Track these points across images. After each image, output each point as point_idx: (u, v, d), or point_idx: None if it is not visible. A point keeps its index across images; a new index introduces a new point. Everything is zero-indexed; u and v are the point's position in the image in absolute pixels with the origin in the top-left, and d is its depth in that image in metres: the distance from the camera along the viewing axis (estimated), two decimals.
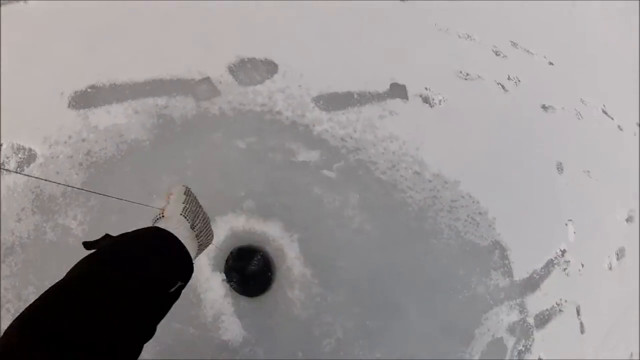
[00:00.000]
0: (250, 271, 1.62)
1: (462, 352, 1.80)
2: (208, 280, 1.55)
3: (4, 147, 1.76)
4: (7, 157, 1.72)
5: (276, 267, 1.65)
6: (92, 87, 1.77)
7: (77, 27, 1.83)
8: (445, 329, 1.79)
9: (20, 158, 1.72)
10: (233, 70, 1.78)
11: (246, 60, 1.80)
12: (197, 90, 1.76)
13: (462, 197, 1.93)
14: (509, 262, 1.99)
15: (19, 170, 1.73)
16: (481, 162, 2.02)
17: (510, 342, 1.92)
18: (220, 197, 1.67)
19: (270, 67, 1.81)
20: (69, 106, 1.76)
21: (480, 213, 1.93)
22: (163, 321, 1.51)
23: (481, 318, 1.84)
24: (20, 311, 0.82)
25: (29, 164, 1.70)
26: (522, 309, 1.97)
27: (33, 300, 0.66)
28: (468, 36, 2.19)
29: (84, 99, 1.76)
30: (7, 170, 1.65)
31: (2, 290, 1.52)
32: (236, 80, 1.78)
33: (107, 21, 1.82)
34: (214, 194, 1.67)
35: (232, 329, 1.55)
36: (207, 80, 1.76)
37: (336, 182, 1.77)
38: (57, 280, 1.50)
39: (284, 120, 1.78)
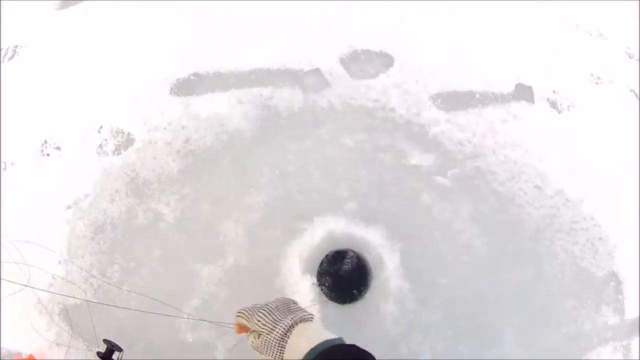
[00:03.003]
0: (344, 277, 1.40)
1: None
2: (297, 283, 1.36)
3: (103, 128, 1.68)
4: (106, 140, 1.62)
5: (373, 276, 1.42)
6: (196, 74, 1.64)
7: (183, 14, 1.73)
8: None
9: (118, 142, 1.61)
10: (345, 62, 1.60)
11: (360, 51, 1.61)
12: (305, 82, 1.58)
13: (584, 218, 1.60)
14: (622, 298, 1.64)
15: (116, 153, 1.64)
16: (608, 181, 1.69)
17: None
18: (321, 196, 1.47)
19: (385, 60, 1.60)
20: (170, 93, 1.65)
21: (600, 238, 1.60)
22: None
23: (582, 357, 1.51)
24: (103, 287, 0.73)
25: (126, 147, 1.59)
26: (627, 352, 1.60)
27: None
28: (600, 34, 1.86)
29: (187, 86, 1.64)
30: None
31: (88, 266, 1.45)
32: (348, 73, 1.58)
33: (214, 6, 1.70)
34: (314, 193, 1.48)
35: None
36: (316, 71, 1.58)
37: (449, 190, 1.52)
38: (142, 262, 1.33)
39: (397, 118, 1.55)
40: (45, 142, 1.66)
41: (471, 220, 1.52)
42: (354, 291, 1.40)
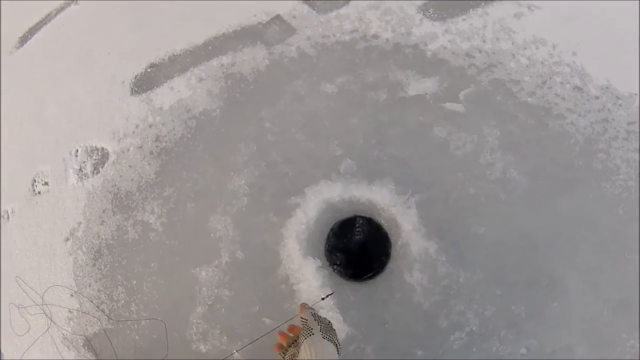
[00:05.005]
0: (358, 250, 1.11)
1: (635, 339, 1.06)
2: (300, 270, 1.10)
3: (79, 151, 1.51)
4: (84, 162, 1.45)
5: (390, 242, 1.11)
6: (152, 65, 1.41)
7: (122, 11, 1.52)
8: (615, 308, 1.09)
9: (95, 160, 1.43)
10: None
11: None
12: (266, 35, 1.30)
13: None
14: None
15: (95, 172, 1.46)
16: None
17: None
18: (310, 161, 1.18)
19: None
20: (131, 93, 1.43)
21: None
22: (252, 317, 0.95)
23: None
24: (114, 311, 0.75)
25: (103, 164, 1.40)
26: None
27: None
28: None
29: (146, 81, 1.41)
30: None
31: (96, 292, 1.29)
32: (313, 9, 1.28)
33: None
34: (302, 159, 1.19)
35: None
36: (277, 19, 1.29)
37: (465, 116, 1.16)
38: (142, 278, 1.18)
39: (383, 44, 1.22)
40: (35, 180, 1.53)
41: (501, 148, 1.16)
42: (373, 264, 1.10)
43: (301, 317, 0.89)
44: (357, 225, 1.12)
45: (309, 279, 1.04)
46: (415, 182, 1.12)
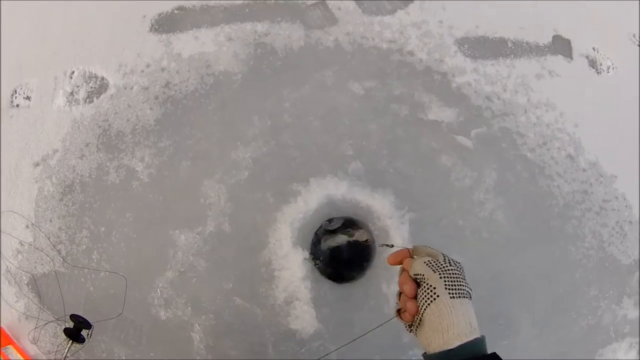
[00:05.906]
0: (342, 251, 1.10)
1: None
2: (286, 257, 1.06)
3: (75, 74, 1.35)
4: (77, 86, 1.30)
5: (376, 251, 1.12)
6: (180, 8, 1.29)
7: None
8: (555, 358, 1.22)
9: (91, 87, 1.28)
10: None
11: None
12: (308, 16, 1.24)
13: (616, 197, 1.29)
14: None
15: (88, 101, 1.31)
16: None
17: None
18: (320, 153, 1.15)
19: None
20: (150, 30, 1.30)
21: (630, 222, 1.29)
22: (224, 293, 0.91)
23: (596, 353, 1.24)
24: (72, 254, 0.55)
25: (99, 94, 1.26)
26: None
27: None
28: None
29: (169, 22, 1.29)
30: None
31: (56, 230, 1.15)
32: (360, 8, 1.24)
33: None
34: (312, 148, 1.16)
35: (304, 318, 1.05)
36: (321, 4, 1.24)
37: (472, 153, 1.20)
38: (113, 226, 0.93)
39: (416, 63, 1.22)
40: (16, 91, 1.34)
41: (495, 191, 1.21)
42: (352, 271, 1.10)
43: (414, 275, 0.60)
44: (348, 226, 1.11)
45: (293, 268, 1.01)
46: (413, 200, 1.13)
